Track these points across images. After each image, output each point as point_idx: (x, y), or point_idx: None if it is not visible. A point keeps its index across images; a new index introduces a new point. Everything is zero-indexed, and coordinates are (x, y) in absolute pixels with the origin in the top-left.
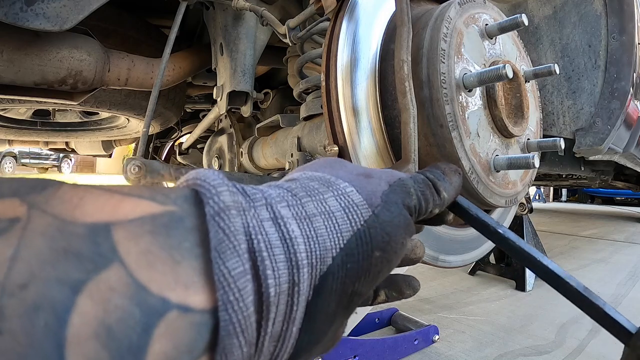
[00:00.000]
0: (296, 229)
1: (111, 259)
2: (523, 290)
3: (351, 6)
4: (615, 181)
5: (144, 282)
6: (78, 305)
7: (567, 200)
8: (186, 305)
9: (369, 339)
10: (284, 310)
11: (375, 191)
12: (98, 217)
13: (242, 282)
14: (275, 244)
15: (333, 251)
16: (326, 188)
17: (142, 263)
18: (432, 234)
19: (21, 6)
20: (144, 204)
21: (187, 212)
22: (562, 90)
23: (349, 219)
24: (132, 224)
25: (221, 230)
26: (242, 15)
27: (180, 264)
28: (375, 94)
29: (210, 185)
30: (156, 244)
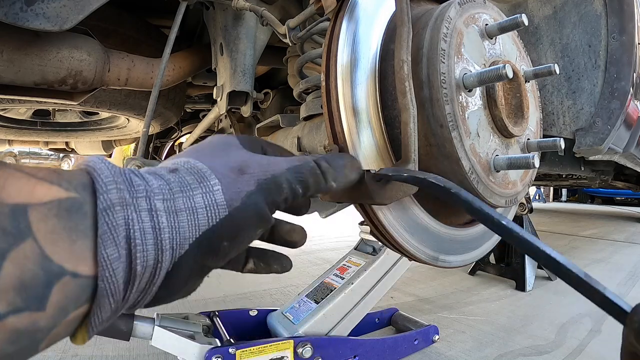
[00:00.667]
0: (164, 221)
1: (27, 234)
2: (523, 290)
3: (351, 6)
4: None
5: (49, 254)
6: (4, 267)
7: (567, 200)
8: (76, 272)
9: (369, 339)
10: (149, 277)
11: (240, 191)
12: (18, 199)
13: (115, 264)
14: (148, 232)
15: (190, 239)
16: (197, 184)
17: (49, 239)
18: (432, 234)
19: (21, 6)
20: (53, 190)
21: (85, 199)
22: (562, 90)
23: (207, 216)
24: (44, 207)
25: (105, 223)
26: (242, 15)
27: (75, 242)
28: (375, 94)
29: (102, 182)
30: (60, 225)
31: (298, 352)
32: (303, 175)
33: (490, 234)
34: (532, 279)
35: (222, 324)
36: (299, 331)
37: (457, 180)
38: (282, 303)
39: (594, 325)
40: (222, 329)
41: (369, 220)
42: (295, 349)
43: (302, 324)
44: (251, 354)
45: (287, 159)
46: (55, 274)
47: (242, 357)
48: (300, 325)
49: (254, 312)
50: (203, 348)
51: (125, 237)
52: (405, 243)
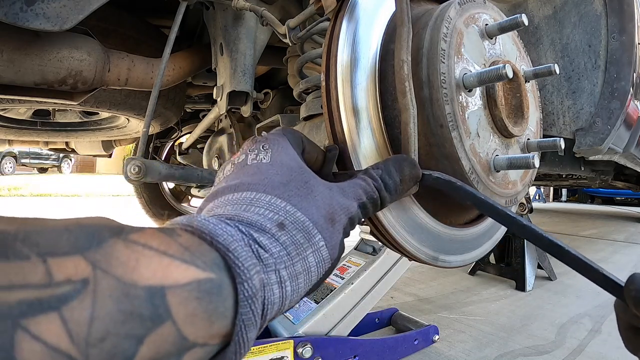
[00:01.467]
0: (289, 289)
1: (165, 317)
2: (523, 290)
3: (351, 6)
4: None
5: (186, 335)
6: (140, 352)
7: (567, 200)
8: (208, 344)
9: (369, 339)
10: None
11: (336, 244)
12: (153, 281)
13: (251, 343)
14: (276, 302)
15: (303, 294)
16: (308, 244)
17: (188, 322)
18: (432, 234)
19: (21, 6)
20: (191, 271)
21: (223, 281)
22: (562, 90)
23: (317, 272)
24: (182, 289)
25: (251, 311)
26: (242, 15)
27: (214, 324)
28: (375, 94)
29: (243, 267)
30: (200, 308)
31: (298, 352)
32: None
33: (490, 233)
34: (532, 279)
35: None
36: (299, 331)
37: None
38: None
39: (594, 325)
40: None
41: (369, 220)
42: (295, 349)
43: (302, 323)
44: (251, 354)
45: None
46: (188, 347)
47: None
48: (300, 325)
49: None
50: None
51: (261, 317)
52: (405, 243)
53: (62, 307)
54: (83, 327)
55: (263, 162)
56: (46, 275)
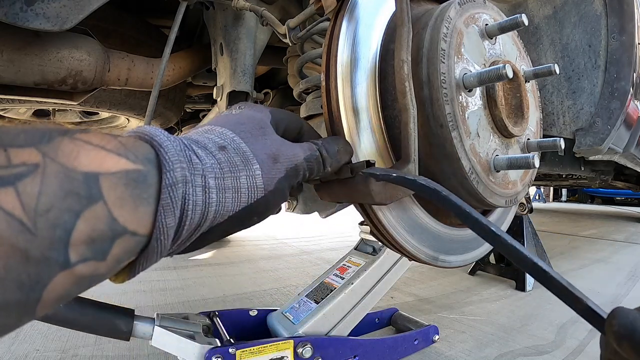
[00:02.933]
0: (214, 197)
1: (98, 197)
2: (523, 290)
3: (351, 6)
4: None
5: (115, 216)
6: (77, 225)
7: (567, 200)
8: (136, 232)
9: (369, 339)
10: (187, 237)
11: (274, 177)
12: (90, 167)
13: (170, 231)
14: (199, 204)
15: (230, 213)
16: (243, 167)
17: (117, 204)
18: (432, 234)
19: (21, 6)
20: (122, 161)
21: (149, 172)
22: (562, 90)
23: (248, 196)
24: (113, 176)
25: (169, 197)
26: (242, 15)
27: (138, 208)
28: (375, 94)
29: (169, 160)
30: (127, 192)
31: (298, 352)
32: (312, 164)
33: None
34: (532, 279)
35: (222, 324)
36: (299, 331)
37: (457, 181)
38: (282, 303)
39: None
40: (222, 328)
41: (369, 220)
42: (295, 349)
43: (302, 324)
44: (251, 354)
45: (303, 148)
46: (119, 232)
47: (242, 357)
48: (300, 325)
49: (254, 312)
50: (203, 348)
51: (180, 209)
52: (405, 243)
53: (17, 183)
54: (33, 199)
55: (233, 112)
56: (6, 160)
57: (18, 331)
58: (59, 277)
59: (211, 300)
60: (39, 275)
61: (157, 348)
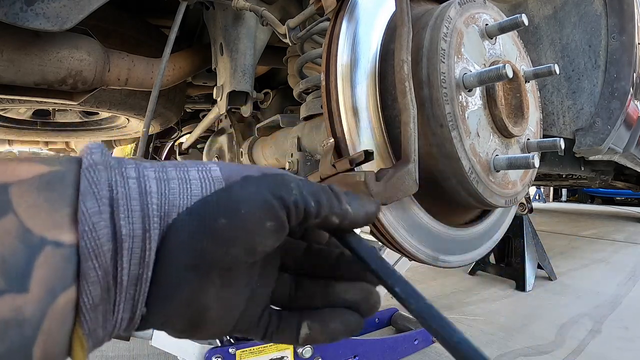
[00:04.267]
0: (154, 186)
1: (7, 210)
2: (523, 290)
3: (351, 6)
4: (615, 181)
5: (29, 227)
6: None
7: (567, 200)
8: (58, 241)
9: (369, 339)
10: (139, 254)
11: (240, 172)
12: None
13: (95, 218)
14: (134, 197)
15: (180, 208)
16: (195, 165)
17: (29, 213)
18: (432, 234)
19: (21, 6)
20: (35, 167)
21: (69, 170)
22: (562, 90)
23: (201, 186)
24: (24, 183)
25: (87, 180)
26: (242, 15)
27: (57, 211)
28: (375, 94)
29: (88, 150)
30: (41, 197)
31: (298, 352)
32: (315, 189)
33: (490, 234)
34: (532, 279)
35: None
36: None
37: (457, 180)
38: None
39: (594, 325)
40: None
41: None
42: (296, 348)
43: None
44: (251, 354)
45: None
46: (36, 246)
47: (242, 357)
48: None
49: None
50: (203, 348)
51: (108, 199)
52: (405, 243)
53: None
54: None
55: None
56: None
57: None
58: None
59: None
60: None
61: (157, 348)
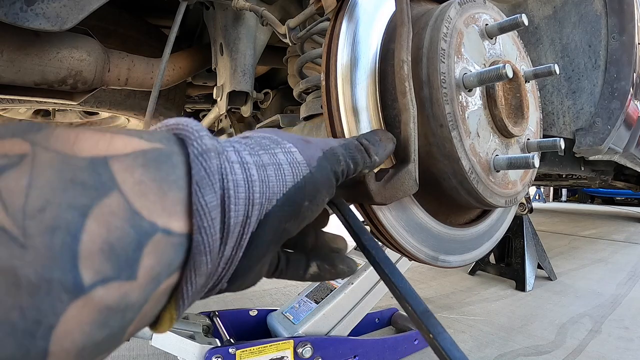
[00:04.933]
0: (255, 174)
1: (111, 187)
2: (523, 290)
3: (351, 6)
4: (615, 181)
5: (138, 209)
6: (87, 226)
7: (567, 200)
8: (169, 229)
9: (369, 339)
10: (236, 238)
11: (313, 155)
12: (95, 152)
13: (214, 213)
14: (240, 184)
15: (278, 195)
16: (275, 145)
17: (137, 192)
18: (432, 234)
19: (21, 6)
20: (134, 141)
21: (172, 150)
22: (562, 90)
23: (292, 172)
24: (127, 158)
25: (203, 169)
26: (242, 15)
27: (167, 195)
28: (375, 94)
29: (193, 129)
30: (148, 175)
31: (298, 352)
32: (352, 152)
33: (490, 233)
34: (532, 279)
35: (222, 324)
36: (299, 331)
37: (457, 180)
38: (282, 303)
39: (594, 325)
40: (222, 329)
41: (369, 220)
42: (295, 349)
43: (302, 324)
44: (251, 354)
45: (335, 139)
46: (146, 232)
47: (242, 357)
48: (300, 325)
49: (254, 312)
50: (203, 348)
51: (220, 187)
52: (405, 243)
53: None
54: (19, 197)
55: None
56: None
57: None
58: (71, 311)
59: (211, 300)
60: (39, 310)
61: (158, 348)
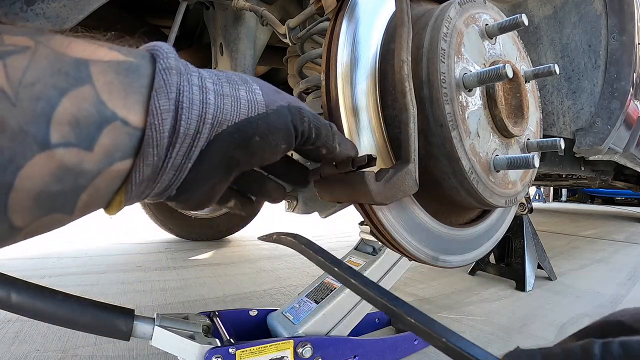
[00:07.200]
0: (212, 99)
1: (87, 80)
2: (523, 290)
3: (351, 6)
4: (615, 181)
5: (104, 100)
6: (62, 103)
7: (567, 200)
8: (127, 120)
9: (369, 339)
10: (186, 149)
11: (275, 101)
12: (82, 55)
13: (165, 115)
14: (195, 103)
15: (229, 122)
16: (242, 83)
17: (105, 88)
18: (432, 234)
19: (21, 6)
20: (113, 53)
21: (142, 64)
22: (562, 90)
23: (248, 107)
24: (104, 63)
25: (162, 80)
26: (242, 15)
27: (129, 95)
28: (375, 94)
29: (164, 51)
30: (117, 79)
31: (298, 352)
32: (320, 124)
33: (490, 233)
34: (532, 279)
35: (222, 324)
36: (299, 331)
37: (457, 180)
38: (282, 303)
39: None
40: (222, 328)
41: (368, 220)
42: (295, 349)
43: (302, 324)
44: (251, 354)
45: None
46: (107, 117)
47: (242, 357)
48: (300, 325)
49: (254, 312)
50: (203, 348)
51: (175, 100)
52: (405, 243)
53: (5, 57)
54: (19, 72)
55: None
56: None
57: (18, 331)
58: (37, 159)
59: (211, 300)
60: (13, 151)
61: (157, 348)
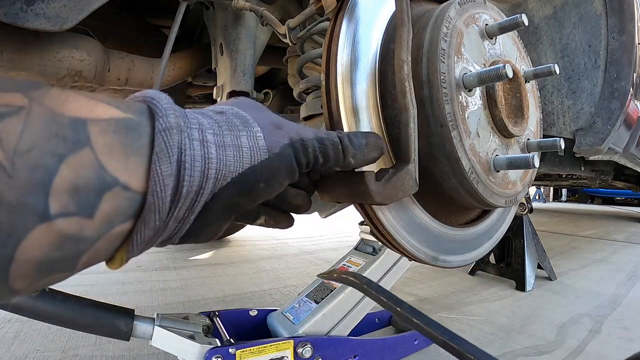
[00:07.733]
0: (214, 153)
1: (85, 144)
2: (523, 290)
3: (351, 6)
4: (615, 181)
5: (104, 164)
6: (61, 170)
7: (567, 200)
8: (128, 185)
9: (369, 339)
10: (189, 204)
11: (278, 142)
12: (79, 113)
13: (167, 181)
14: (197, 159)
15: (233, 174)
16: (243, 127)
17: (106, 151)
18: (432, 234)
19: (21, 6)
20: (112, 110)
21: (142, 121)
22: (562, 90)
23: (250, 155)
24: (103, 122)
25: (163, 142)
26: (242, 15)
27: (130, 158)
28: (375, 94)
29: (162, 107)
30: (117, 140)
31: (298, 352)
32: (326, 147)
33: (490, 234)
34: (532, 279)
35: (222, 324)
36: (299, 331)
37: (457, 180)
38: (282, 303)
39: (594, 325)
40: (222, 329)
41: (369, 220)
42: (295, 349)
43: (302, 324)
44: (251, 354)
45: (315, 130)
46: (108, 183)
47: (242, 357)
48: (300, 325)
49: (254, 312)
50: (203, 348)
51: (177, 161)
52: (405, 243)
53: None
54: (13, 138)
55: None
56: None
57: (18, 331)
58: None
59: (211, 300)
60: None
61: (157, 348)
